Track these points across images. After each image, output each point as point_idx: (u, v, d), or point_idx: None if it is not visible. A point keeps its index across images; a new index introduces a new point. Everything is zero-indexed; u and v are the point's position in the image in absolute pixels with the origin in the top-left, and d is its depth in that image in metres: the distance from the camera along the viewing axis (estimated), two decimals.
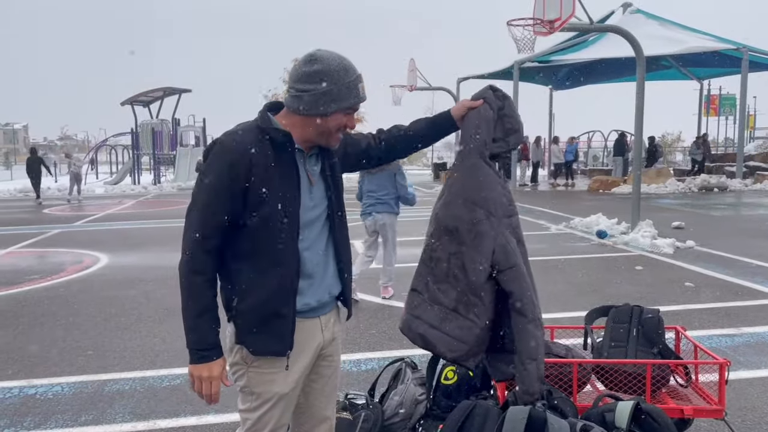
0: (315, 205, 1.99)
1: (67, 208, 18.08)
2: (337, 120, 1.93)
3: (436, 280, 2.36)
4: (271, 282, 1.89)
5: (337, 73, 1.89)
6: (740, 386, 3.95)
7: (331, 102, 1.90)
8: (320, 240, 2.02)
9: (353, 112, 1.97)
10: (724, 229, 11.17)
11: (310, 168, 2.01)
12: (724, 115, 36.50)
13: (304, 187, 1.96)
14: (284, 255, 1.89)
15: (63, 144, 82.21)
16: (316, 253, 2.00)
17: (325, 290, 2.05)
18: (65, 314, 6.02)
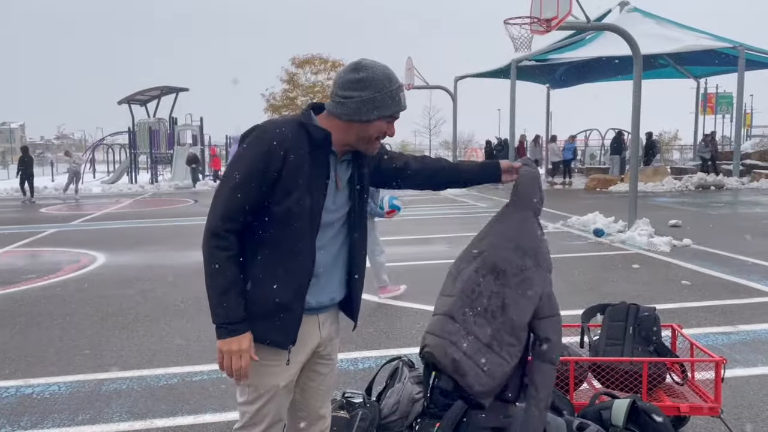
0: (336, 209, 2.03)
1: (64, 207, 18.05)
2: (377, 127, 1.98)
3: (474, 313, 2.43)
4: (286, 275, 1.93)
5: (381, 81, 1.95)
6: (736, 384, 3.96)
7: (374, 109, 1.95)
8: (332, 245, 2.05)
9: (393, 120, 2.02)
10: (721, 227, 11.19)
11: (341, 173, 2.05)
12: (720, 113, 36.52)
13: (331, 190, 2.00)
14: (302, 251, 1.94)
15: (60, 143, 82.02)
16: (326, 256, 2.03)
17: (328, 294, 2.08)
18: (62, 314, 6.02)
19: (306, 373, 2.16)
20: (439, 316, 2.47)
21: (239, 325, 1.92)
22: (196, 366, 4.51)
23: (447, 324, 2.42)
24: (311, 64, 30.85)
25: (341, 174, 2.06)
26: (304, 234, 1.94)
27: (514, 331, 2.39)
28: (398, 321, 5.54)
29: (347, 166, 2.08)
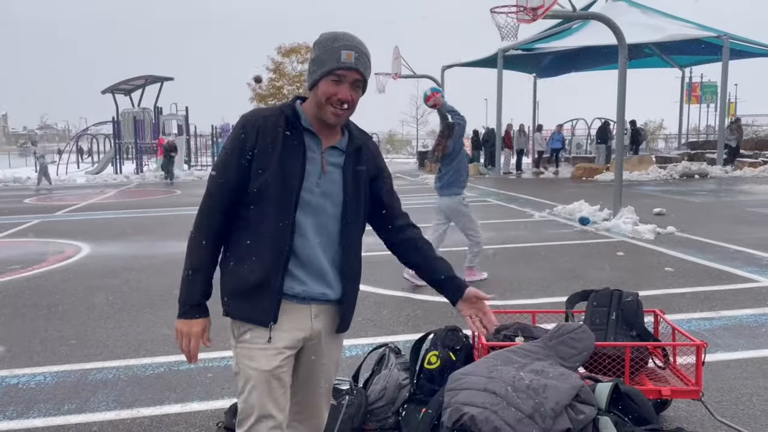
0: (322, 193, 1.98)
1: (48, 197, 17.89)
2: (324, 89, 1.92)
3: (515, 388, 2.55)
4: (263, 252, 1.93)
5: (326, 40, 1.92)
6: (717, 368, 4.02)
7: (316, 69, 1.93)
8: (320, 231, 1.99)
9: (341, 82, 1.91)
10: (705, 215, 11.31)
11: (330, 157, 2.00)
12: (705, 102, 36.86)
13: (312, 170, 1.96)
14: (278, 228, 1.92)
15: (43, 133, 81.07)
16: (311, 244, 1.98)
17: (318, 287, 2.02)
18: (47, 304, 5.98)
19: (303, 372, 2.12)
20: (476, 391, 2.56)
21: (194, 309, 2.01)
22: (182, 355, 4.49)
23: (487, 398, 2.51)
24: (297, 53, 30.70)
25: (330, 158, 2.00)
26: (280, 211, 1.92)
27: (555, 407, 2.48)
28: (384, 309, 5.56)
29: (341, 154, 2.03)
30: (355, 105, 1.97)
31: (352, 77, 1.92)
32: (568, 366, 2.83)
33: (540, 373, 2.65)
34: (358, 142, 2.07)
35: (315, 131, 1.98)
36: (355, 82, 1.93)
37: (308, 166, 1.95)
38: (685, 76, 29.97)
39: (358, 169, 2.05)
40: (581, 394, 2.57)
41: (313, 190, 1.96)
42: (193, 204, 15.70)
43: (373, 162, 2.12)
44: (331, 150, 2.01)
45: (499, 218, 11.39)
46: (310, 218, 1.97)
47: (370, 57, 1.97)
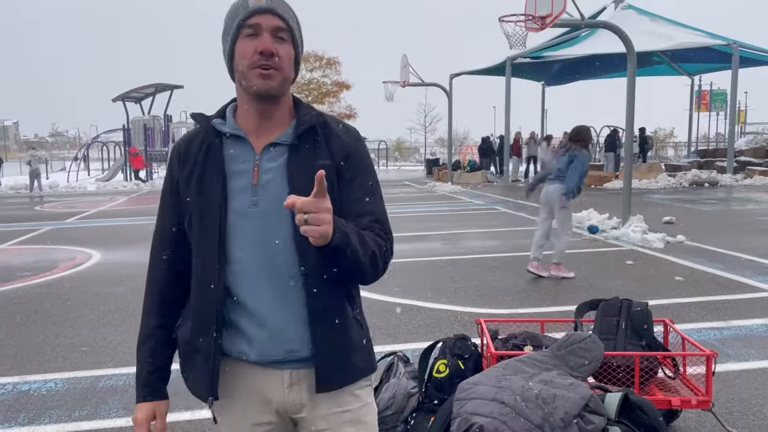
0: (262, 214, 1.47)
1: (59, 204, 18.02)
2: (240, 51, 1.46)
3: (524, 398, 2.56)
4: (194, 304, 1.55)
5: (232, 6, 1.50)
6: (728, 378, 4.00)
7: (225, 35, 1.51)
8: (268, 269, 1.48)
9: (257, 34, 1.45)
10: (715, 223, 11.25)
11: (266, 161, 1.50)
12: (715, 110, 36.73)
13: (240, 185, 1.49)
14: (204, 271, 1.50)
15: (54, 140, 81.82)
16: (256, 284, 1.48)
17: (279, 345, 1.50)
18: (58, 311, 6.03)
19: None
20: (485, 401, 2.57)
21: (139, 390, 1.61)
22: None
23: (496, 408, 2.52)
24: (306, 62, 30.83)
25: (267, 162, 1.49)
26: (205, 248, 1.50)
27: (565, 417, 2.49)
28: (393, 317, 5.57)
29: (283, 149, 1.51)
30: (288, 63, 1.48)
31: (269, 23, 1.45)
32: (577, 376, 2.83)
33: (549, 383, 2.65)
34: (309, 122, 1.51)
35: (246, 133, 1.52)
36: (275, 29, 1.45)
37: (233, 183, 1.49)
38: (694, 84, 29.88)
39: (316, 164, 1.46)
40: (591, 404, 2.57)
41: (247, 213, 1.48)
42: None
43: (342, 151, 1.53)
44: (269, 149, 1.50)
45: (508, 226, 11.37)
46: (253, 250, 1.48)
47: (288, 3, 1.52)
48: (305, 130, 1.51)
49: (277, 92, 1.48)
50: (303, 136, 1.51)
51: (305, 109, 1.56)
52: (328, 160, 1.50)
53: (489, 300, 6.10)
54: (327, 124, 1.55)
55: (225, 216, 1.48)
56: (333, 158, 1.51)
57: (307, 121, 1.52)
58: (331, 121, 1.57)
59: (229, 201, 1.48)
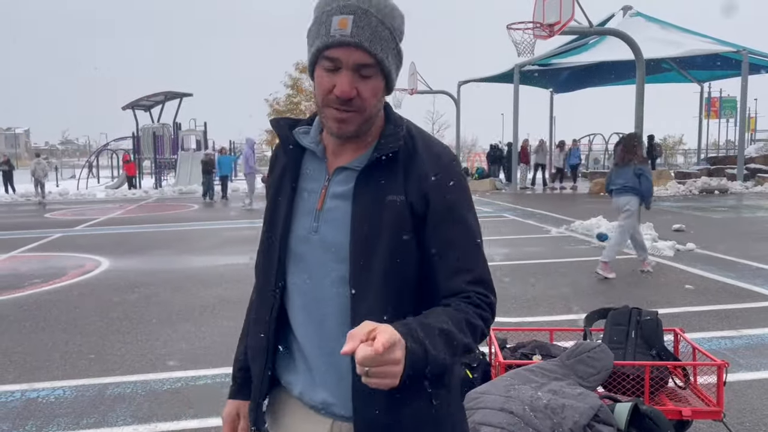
0: (321, 243, 1.29)
1: (69, 212, 18.13)
2: (319, 82, 1.24)
3: (533, 408, 2.55)
4: (251, 329, 1.44)
5: (321, 2, 1.25)
6: (739, 388, 3.96)
7: (308, 43, 1.27)
8: (315, 307, 1.30)
9: (337, 68, 1.20)
10: (725, 231, 11.17)
11: (335, 184, 1.30)
12: (724, 117, 36.56)
13: (304, 207, 1.33)
14: (263, 293, 1.38)
15: (65, 148, 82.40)
16: (309, 316, 1.31)
17: (319, 391, 1.31)
18: (67, 318, 6.04)
19: None
20: (493, 411, 2.57)
21: (231, 386, 1.55)
22: (200, 370, 4.52)
23: (504, 417, 2.51)
24: None
25: (335, 186, 1.30)
26: (266, 268, 1.38)
27: (574, 427, 2.48)
28: None
29: (351, 176, 1.28)
30: (372, 100, 1.23)
31: (352, 59, 1.19)
32: (586, 385, 2.81)
33: (558, 393, 2.63)
34: (388, 148, 1.25)
35: (324, 149, 1.34)
36: (359, 66, 1.20)
37: (299, 203, 1.33)
38: (703, 91, 29.77)
39: (386, 200, 1.23)
40: (600, 414, 2.54)
41: (307, 239, 1.31)
42: (211, 218, 15.87)
43: (423, 185, 1.24)
44: (340, 173, 1.30)
45: (516, 234, 11.34)
46: (307, 280, 1.31)
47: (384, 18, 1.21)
48: (379, 156, 1.25)
49: (355, 134, 1.27)
50: (378, 161, 1.25)
51: (393, 127, 1.30)
52: (401, 196, 1.23)
53: (498, 308, 6.05)
54: (414, 148, 1.28)
55: (286, 238, 1.33)
56: (408, 194, 1.23)
57: (386, 146, 1.26)
58: (420, 143, 1.29)
59: (293, 223, 1.33)
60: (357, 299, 1.23)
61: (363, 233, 1.22)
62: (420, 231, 1.23)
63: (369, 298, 1.21)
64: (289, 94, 30.90)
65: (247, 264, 8.66)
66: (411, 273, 1.24)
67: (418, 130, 1.32)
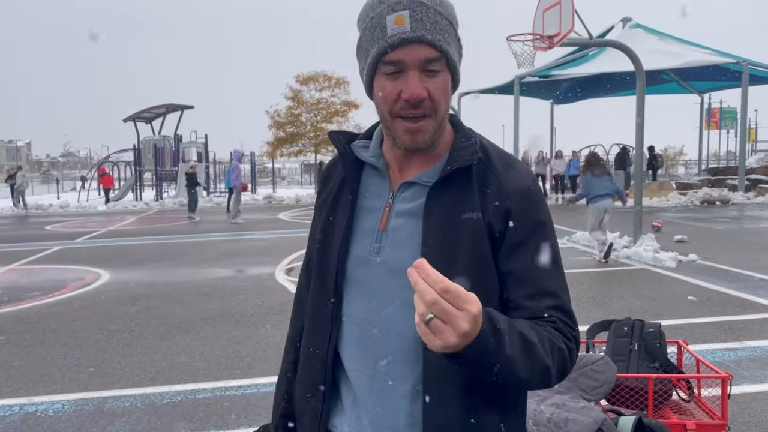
0: (385, 266, 1.16)
1: (69, 224, 18.11)
2: (380, 91, 1.13)
3: (536, 422, 2.54)
4: (303, 360, 1.29)
5: (367, 7, 1.14)
6: (744, 400, 3.92)
7: (362, 62, 1.17)
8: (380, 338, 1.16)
9: (400, 71, 1.10)
10: (727, 242, 11.14)
11: (401, 201, 1.19)
12: (725, 128, 36.61)
13: (366, 226, 1.21)
14: (317, 320, 1.25)
15: (66, 161, 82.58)
16: (366, 353, 1.18)
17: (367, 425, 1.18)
18: (66, 331, 6.01)
19: None
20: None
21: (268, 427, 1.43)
22: (199, 383, 4.49)
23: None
24: (315, 81, 31.01)
25: (401, 203, 1.19)
26: (318, 294, 1.25)
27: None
28: None
29: (420, 191, 1.18)
30: (444, 98, 1.13)
31: (416, 57, 1.09)
32: (589, 399, 2.78)
33: (561, 407, 2.60)
34: (462, 161, 1.15)
35: (387, 164, 1.23)
36: (425, 62, 1.10)
37: (359, 222, 1.21)
38: (704, 102, 29.82)
39: (462, 218, 1.13)
40: (603, 427, 2.51)
41: (368, 262, 1.19)
42: (212, 231, 15.84)
43: (502, 203, 1.14)
44: (406, 189, 1.19)
45: None
46: (367, 308, 1.18)
47: (441, 8, 1.11)
48: (454, 170, 1.14)
49: (430, 144, 1.15)
50: (451, 176, 1.15)
51: (464, 140, 1.19)
52: (478, 213, 1.13)
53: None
54: (488, 162, 1.18)
55: (344, 262, 1.20)
56: (486, 212, 1.13)
57: (461, 158, 1.15)
58: (496, 158, 1.19)
59: (351, 244, 1.20)
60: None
61: (436, 253, 1.09)
62: (497, 250, 1.13)
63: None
64: (290, 105, 30.93)
65: (247, 276, 8.63)
66: (489, 297, 1.10)
67: (491, 144, 1.23)
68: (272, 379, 1.55)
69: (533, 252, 1.13)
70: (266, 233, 13.98)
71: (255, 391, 4.30)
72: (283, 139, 30.30)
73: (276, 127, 31.00)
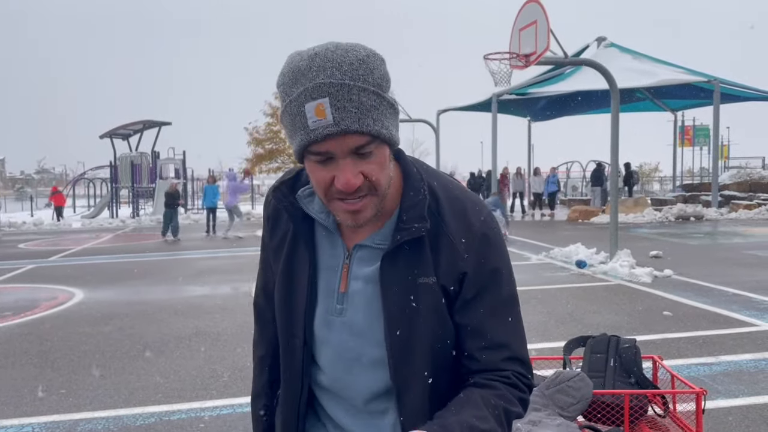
0: (346, 327, 1.17)
1: (43, 242, 17.83)
2: (312, 174, 1.07)
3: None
4: (281, 407, 1.29)
5: (286, 81, 1.03)
6: (718, 415, 3.95)
7: (287, 133, 1.08)
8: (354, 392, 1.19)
9: (329, 160, 1.03)
10: (701, 257, 11.30)
11: (357, 264, 1.17)
12: (698, 145, 37.27)
13: (325, 287, 1.19)
14: (289, 379, 1.25)
15: (41, 177, 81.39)
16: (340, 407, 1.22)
17: None
18: (37, 352, 5.89)
19: None
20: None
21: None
22: (174, 405, 4.42)
23: None
24: None
25: (358, 266, 1.16)
26: (290, 347, 1.23)
27: None
28: None
29: (376, 254, 1.15)
30: (383, 174, 1.06)
31: (344, 145, 1.01)
32: (566, 415, 2.78)
33: (538, 424, 2.60)
34: (411, 231, 1.11)
35: (333, 221, 1.17)
36: (355, 149, 1.02)
37: (321, 282, 1.19)
38: (677, 120, 30.36)
39: (417, 283, 1.12)
40: None
41: (330, 322, 1.18)
42: (189, 248, 15.69)
43: (457, 265, 1.12)
44: (360, 250, 1.17)
45: None
46: (335, 369, 1.20)
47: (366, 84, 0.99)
48: (407, 237, 1.11)
49: (374, 217, 1.11)
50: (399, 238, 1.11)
51: (413, 194, 1.13)
52: (433, 278, 1.12)
53: None
54: (440, 218, 1.13)
55: (311, 320, 1.19)
56: (440, 276, 1.12)
57: (410, 224, 1.11)
58: (446, 209, 1.14)
59: (315, 303, 1.19)
60: (401, 391, 1.13)
61: (397, 318, 1.11)
62: (453, 306, 1.14)
63: (412, 386, 1.13)
64: (269, 122, 30.91)
65: (224, 294, 8.54)
66: (449, 351, 1.15)
67: (441, 187, 1.16)
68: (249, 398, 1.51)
69: (487, 304, 1.12)
70: (243, 250, 13.89)
71: (231, 411, 4.24)
72: (262, 155, 30.21)
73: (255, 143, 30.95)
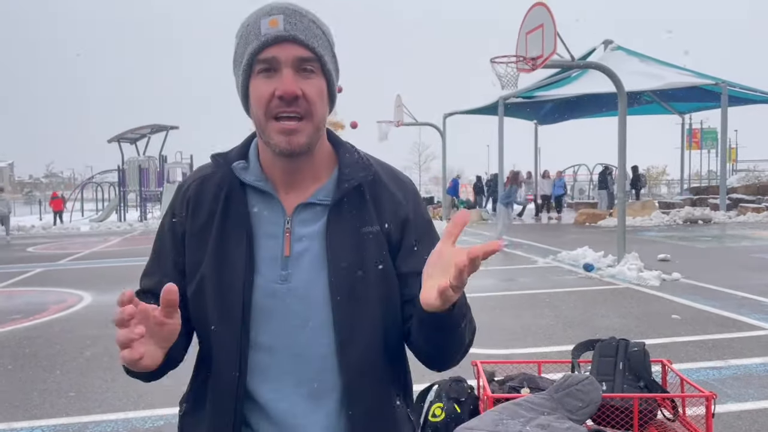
0: (294, 290, 1.16)
1: (52, 246, 17.92)
2: (256, 95, 1.12)
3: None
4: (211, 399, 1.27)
5: (243, 23, 1.16)
6: (728, 419, 3.93)
7: (235, 66, 1.17)
8: (300, 366, 1.17)
9: (274, 69, 1.11)
10: (710, 261, 11.25)
11: (299, 225, 1.18)
12: (706, 148, 37.11)
13: (268, 255, 1.18)
14: (221, 358, 1.20)
15: (49, 181, 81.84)
16: (285, 379, 1.18)
17: None
18: (46, 355, 5.92)
19: None
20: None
21: None
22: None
23: None
24: None
25: (300, 227, 1.18)
26: (222, 328, 1.18)
27: None
28: None
29: (320, 212, 1.19)
30: (320, 102, 1.14)
31: (290, 55, 1.10)
32: (575, 419, 2.77)
33: (547, 428, 2.60)
34: (354, 180, 1.20)
35: (273, 186, 1.20)
36: (299, 61, 1.11)
37: (261, 251, 1.18)
38: (685, 123, 30.25)
39: (361, 233, 1.18)
40: None
41: (275, 291, 1.17)
42: None
43: (397, 215, 1.22)
44: (303, 211, 1.19)
45: (503, 264, 11.34)
46: (281, 337, 1.17)
47: (315, 20, 1.14)
48: (350, 188, 1.19)
49: (307, 148, 1.15)
50: (346, 195, 1.19)
51: (348, 155, 1.23)
52: (376, 226, 1.19)
53: (485, 340, 6.03)
54: (377, 180, 1.23)
55: (250, 293, 1.16)
56: (383, 224, 1.20)
57: (352, 177, 1.19)
58: (383, 173, 1.25)
59: (255, 274, 1.17)
60: (344, 346, 1.16)
61: (343, 272, 1.15)
62: (397, 255, 1.21)
63: (357, 340, 1.16)
64: None
65: None
66: (395, 300, 1.20)
67: (371, 156, 1.28)
68: None
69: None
70: None
71: None
72: None
73: None
